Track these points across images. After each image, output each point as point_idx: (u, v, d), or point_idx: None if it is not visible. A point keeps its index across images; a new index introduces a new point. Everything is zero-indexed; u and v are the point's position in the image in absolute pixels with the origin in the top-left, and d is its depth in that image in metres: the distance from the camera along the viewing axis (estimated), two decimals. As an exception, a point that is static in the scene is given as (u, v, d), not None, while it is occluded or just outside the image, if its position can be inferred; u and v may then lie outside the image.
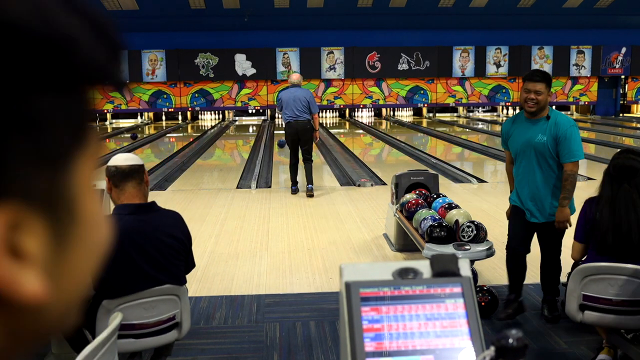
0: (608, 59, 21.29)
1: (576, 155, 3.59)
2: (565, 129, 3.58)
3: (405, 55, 20.68)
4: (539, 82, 3.57)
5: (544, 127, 3.63)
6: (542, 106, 3.62)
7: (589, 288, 3.04)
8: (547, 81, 3.62)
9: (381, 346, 1.51)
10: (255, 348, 3.52)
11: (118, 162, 2.64)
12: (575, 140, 3.58)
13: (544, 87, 3.58)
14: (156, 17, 19.06)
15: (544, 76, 3.63)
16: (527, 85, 3.62)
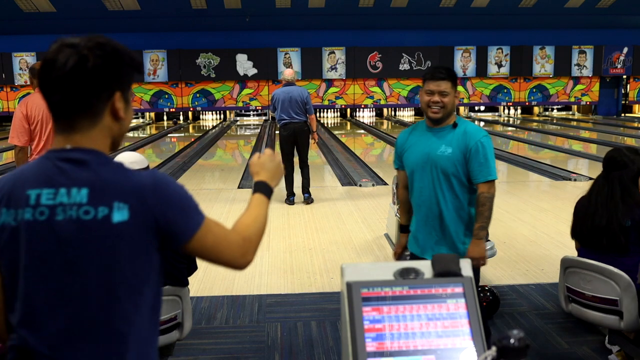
0: (610, 59, 21.27)
1: (491, 173, 2.81)
2: (477, 139, 2.81)
3: (407, 55, 20.67)
4: (443, 81, 2.80)
5: (449, 138, 2.85)
6: (449, 111, 2.85)
7: (568, 280, 3.13)
8: (453, 79, 2.85)
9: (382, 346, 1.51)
10: (256, 348, 3.52)
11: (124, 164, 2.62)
12: (489, 155, 2.82)
13: (450, 86, 2.82)
14: (157, 17, 19.07)
15: (449, 73, 2.85)
16: (428, 85, 2.83)
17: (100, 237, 1.26)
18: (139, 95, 20.37)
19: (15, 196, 1.29)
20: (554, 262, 4.93)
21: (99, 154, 1.33)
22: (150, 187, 1.32)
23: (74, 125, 1.33)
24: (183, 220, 1.35)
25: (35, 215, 1.27)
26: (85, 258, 1.26)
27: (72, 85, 1.29)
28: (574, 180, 8.77)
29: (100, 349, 1.27)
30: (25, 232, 1.27)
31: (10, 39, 19.43)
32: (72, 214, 1.26)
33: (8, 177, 1.35)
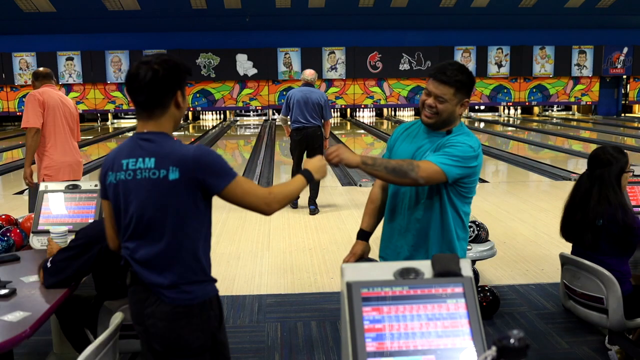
0: (610, 59, 21.26)
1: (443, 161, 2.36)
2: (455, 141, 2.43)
3: (407, 55, 20.67)
4: (444, 85, 2.40)
5: (437, 142, 2.47)
6: (445, 119, 2.45)
7: (565, 276, 3.17)
8: (459, 85, 2.41)
9: (382, 346, 1.51)
10: (256, 348, 3.52)
11: None
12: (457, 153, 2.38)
13: (452, 93, 2.40)
14: (157, 17, 19.07)
15: (455, 78, 2.40)
16: (428, 84, 2.45)
17: (161, 188, 1.94)
18: (139, 95, 20.38)
19: (115, 164, 2.02)
20: (554, 262, 4.92)
21: (163, 134, 2.01)
22: (192, 157, 1.95)
23: (151, 116, 2.00)
24: (214, 179, 1.97)
25: (126, 176, 1.99)
26: (152, 200, 1.95)
27: (151, 90, 1.96)
28: (574, 180, 8.76)
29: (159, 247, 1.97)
30: (121, 186, 2.00)
31: (10, 39, 19.43)
32: (146, 174, 1.96)
33: (112, 151, 2.09)
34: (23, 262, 2.96)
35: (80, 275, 2.58)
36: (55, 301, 2.40)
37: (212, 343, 2.06)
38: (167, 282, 1.96)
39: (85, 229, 2.60)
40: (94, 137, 16.64)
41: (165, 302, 1.97)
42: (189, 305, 1.98)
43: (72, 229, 3.09)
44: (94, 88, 20.19)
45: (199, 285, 2.01)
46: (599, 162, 3.09)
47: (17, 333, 2.08)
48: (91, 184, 3.54)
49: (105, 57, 19.87)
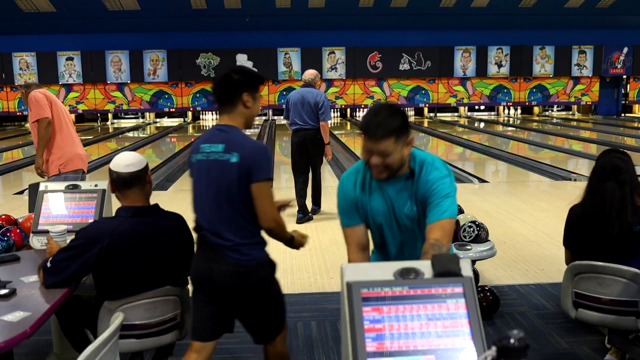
0: (610, 59, 21.26)
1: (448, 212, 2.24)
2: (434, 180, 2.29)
3: (407, 55, 20.67)
4: (383, 139, 2.20)
5: (411, 190, 2.34)
6: (397, 168, 2.28)
7: (579, 286, 3.05)
8: (397, 132, 2.21)
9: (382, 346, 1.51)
10: (256, 348, 3.51)
11: (119, 168, 2.62)
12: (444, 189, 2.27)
13: (393, 142, 2.21)
14: (157, 17, 19.07)
15: (390, 125, 2.20)
16: (366, 143, 2.26)
17: (226, 168, 2.43)
18: (139, 95, 20.38)
19: (197, 147, 2.56)
20: (554, 262, 4.93)
21: (232, 127, 2.51)
22: (249, 148, 2.44)
23: (223, 111, 2.53)
24: (255, 173, 2.42)
25: (203, 157, 2.51)
26: (219, 177, 2.45)
27: (222, 89, 2.51)
28: (574, 180, 8.77)
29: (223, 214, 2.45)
30: (199, 165, 2.52)
31: (10, 39, 19.42)
32: (217, 157, 2.46)
33: (199, 138, 2.61)
34: (23, 262, 2.96)
35: (80, 275, 2.58)
36: (55, 301, 2.40)
37: (267, 297, 2.56)
38: (229, 244, 2.43)
39: (85, 229, 2.60)
40: (94, 137, 16.63)
41: (230, 262, 2.43)
42: (247, 265, 2.44)
43: (72, 229, 3.08)
44: (94, 88, 20.18)
45: (255, 247, 2.49)
46: (619, 170, 3.04)
47: (17, 333, 2.08)
48: (91, 184, 3.54)
49: (105, 57, 19.87)
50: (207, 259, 2.48)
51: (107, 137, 17.39)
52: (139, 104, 20.49)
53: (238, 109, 2.50)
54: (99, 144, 15.50)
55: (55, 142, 4.97)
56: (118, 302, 2.54)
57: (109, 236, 2.50)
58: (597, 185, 3.06)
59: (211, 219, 2.46)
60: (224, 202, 2.43)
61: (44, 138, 4.89)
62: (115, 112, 20.88)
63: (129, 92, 20.32)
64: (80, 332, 2.73)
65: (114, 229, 2.52)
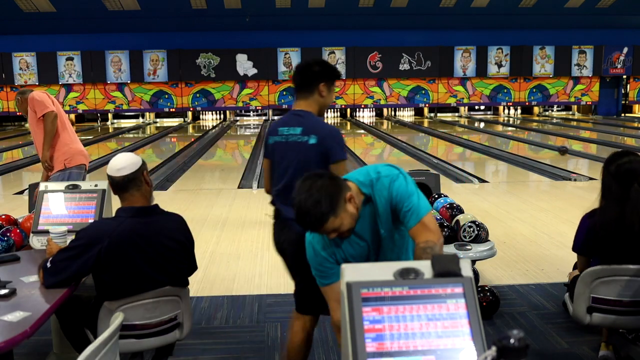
0: (610, 59, 21.26)
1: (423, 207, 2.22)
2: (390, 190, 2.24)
3: (407, 55, 20.67)
4: (324, 223, 2.10)
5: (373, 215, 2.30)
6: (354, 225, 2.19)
7: (598, 290, 2.99)
8: (332, 212, 2.08)
9: (382, 346, 1.51)
10: (256, 348, 3.52)
11: (113, 172, 2.60)
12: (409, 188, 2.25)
13: (334, 219, 2.09)
14: (157, 17, 19.07)
15: (321, 210, 2.06)
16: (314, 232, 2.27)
17: (304, 149, 2.73)
18: (139, 95, 20.38)
19: (274, 130, 2.86)
20: (554, 262, 4.93)
21: (308, 112, 2.81)
22: (326, 131, 2.76)
23: (299, 97, 2.84)
24: (332, 154, 2.72)
25: (281, 139, 2.81)
26: (297, 157, 2.75)
27: (302, 76, 2.83)
28: (574, 180, 8.77)
29: None
30: (277, 146, 2.84)
31: (10, 39, 19.42)
32: (295, 139, 2.76)
33: (276, 122, 2.91)
34: (23, 262, 2.96)
35: (80, 275, 2.57)
36: (55, 301, 2.40)
37: None
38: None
39: (85, 230, 2.59)
40: (94, 137, 16.63)
41: (294, 231, 2.68)
42: None
43: (72, 229, 3.08)
44: (94, 88, 20.18)
45: None
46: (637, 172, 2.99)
47: (17, 333, 2.08)
48: (91, 184, 3.54)
49: (105, 57, 19.87)
50: (280, 230, 2.85)
51: (107, 137, 17.40)
52: (139, 104, 20.49)
53: (314, 97, 2.82)
54: (99, 144, 15.50)
55: (59, 138, 5.07)
56: (118, 302, 2.54)
57: (109, 237, 2.50)
58: (621, 190, 2.95)
59: (286, 194, 2.68)
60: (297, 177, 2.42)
61: (51, 132, 4.98)
62: (115, 112, 20.88)
63: (129, 92, 20.32)
64: (80, 332, 2.73)
65: (114, 229, 2.52)
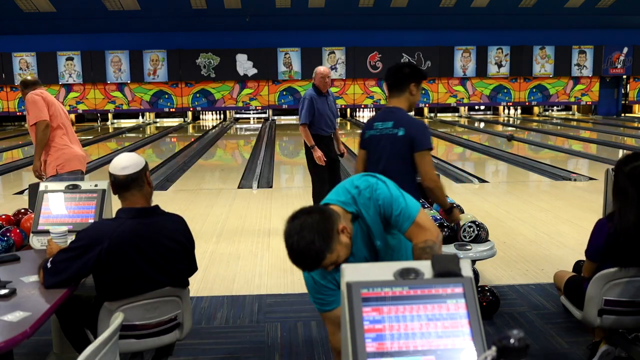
0: (610, 59, 21.26)
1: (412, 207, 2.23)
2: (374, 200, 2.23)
3: (407, 55, 20.67)
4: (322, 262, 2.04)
5: (364, 231, 2.29)
6: (349, 255, 2.13)
7: (610, 293, 2.98)
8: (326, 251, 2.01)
9: (382, 347, 1.51)
10: (256, 348, 3.52)
11: (116, 171, 2.59)
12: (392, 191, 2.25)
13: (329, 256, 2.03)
14: (157, 17, 19.07)
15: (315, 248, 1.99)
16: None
17: (394, 140, 3.18)
18: (139, 95, 20.38)
19: (371, 125, 3.34)
20: (554, 262, 4.93)
21: (400, 109, 3.27)
22: (412, 123, 3.20)
23: (392, 95, 3.30)
24: (417, 144, 3.14)
25: (376, 132, 3.27)
26: (389, 147, 3.21)
27: (395, 77, 3.28)
28: (574, 180, 8.77)
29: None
30: (372, 139, 3.30)
31: (10, 39, 19.43)
32: (387, 131, 3.22)
33: (372, 117, 3.43)
34: (23, 262, 2.95)
35: (80, 276, 2.57)
36: (55, 301, 2.40)
37: None
38: None
39: (86, 230, 2.59)
40: (94, 137, 16.64)
41: None
42: None
43: (72, 229, 3.08)
44: (94, 88, 20.18)
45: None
46: None
47: (17, 333, 2.08)
48: (91, 184, 3.53)
49: (105, 57, 19.87)
50: None
51: (107, 137, 17.40)
52: (139, 104, 20.49)
53: (405, 95, 3.27)
54: (99, 144, 15.50)
55: (53, 143, 4.92)
56: (118, 302, 2.54)
57: (109, 238, 2.49)
58: (638, 193, 2.90)
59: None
60: (391, 166, 3.14)
61: (42, 141, 4.83)
62: (115, 112, 20.88)
63: (129, 92, 20.32)
64: (80, 332, 2.73)
65: (114, 230, 2.52)
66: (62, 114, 5.09)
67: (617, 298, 2.97)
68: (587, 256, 3.11)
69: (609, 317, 3.00)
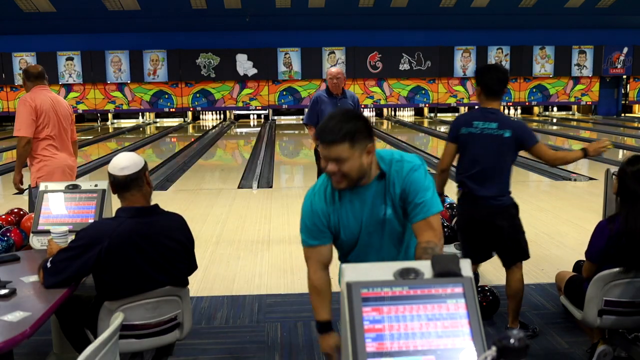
0: (610, 59, 21.26)
1: (435, 205, 2.18)
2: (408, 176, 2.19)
3: (407, 55, 20.67)
4: (335, 145, 2.07)
5: (383, 192, 2.22)
6: (356, 177, 2.14)
7: (610, 293, 2.98)
8: (352, 136, 2.06)
9: (382, 346, 1.51)
10: (256, 348, 3.52)
11: (115, 171, 2.58)
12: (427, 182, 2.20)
13: (348, 149, 2.06)
14: (157, 17, 19.06)
15: (342, 130, 2.06)
16: (321, 149, 2.13)
17: (499, 140, 3.35)
18: (139, 95, 20.37)
19: (469, 122, 3.44)
20: (554, 262, 4.92)
21: (498, 110, 3.45)
22: (516, 125, 3.41)
23: (490, 99, 3.44)
24: (528, 140, 3.41)
25: (476, 131, 3.40)
26: (493, 147, 3.37)
27: (501, 84, 3.47)
28: (574, 180, 8.77)
29: (494, 180, 3.40)
30: (470, 136, 3.43)
31: (10, 39, 19.42)
32: (490, 132, 3.37)
33: (468, 114, 3.57)
34: (23, 262, 2.96)
35: (80, 276, 2.57)
36: (55, 301, 2.40)
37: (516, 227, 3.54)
38: (490, 193, 3.42)
39: (86, 230, 2.59)
40: (94, 137, 16.63)
41: (489, 206, 3.43)
42: (503, 206, 3.46)
43: (72, 229, 3.08)
44: (94, 88, 20.18)
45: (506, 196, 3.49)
46: None
47: (17, 333, 2.08)
48: (91, 184, 3.54)
49: (105, 57, 19.87)
50: (472, 207, 3.50)
51: (107, 137, 17.39)
52: (139, 104, 20.49)
53: (500, 98, 3.47)
54: (99, 144, 15.50)
55: (35, 153, 4.63)
56: (118, 302, 2.54)
57: (109, 237, 2.49)
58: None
59: (480, 177, 3.42)
60: (494, 165, 3.40)
61: (22, 157, 4.59)
62: (116, 112, 20.87)
63: (129, 92, 20.32)
64: (80, 332, 2.73)
65: (114, 229, 2.52)
66: (56, 120, 4.70)
67: (617, 299, 2.97)
68: (588, 257, 3.10)
69: (609, 317, 3.00)
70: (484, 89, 3.42)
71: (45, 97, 4.70)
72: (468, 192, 3.48)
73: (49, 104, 4.67)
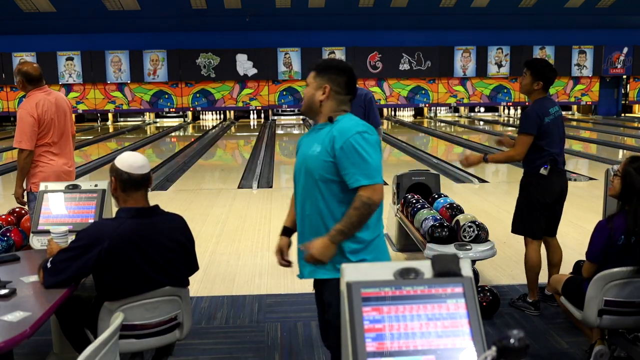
0: (610, 59, 21.26)
1: (368, 175, 2.31)
2: (346, 138, 2.32)
3: (407, 55, 20.67)
4: (310, 71, 2.52)
5: (322, 135, 2.42)
6: (309, 105, 2.50)
7: (610, 293, 2.98)
8: (319, 69, 2.47)
9: (382, 346, 1.51)
10: (256, 348, 3.52)
11: (132, 169, 2.58)
12: (364, 155, 2.30)
13: (313, 77, 2.47)
14: (157, 17, 19.06)
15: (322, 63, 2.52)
16: None
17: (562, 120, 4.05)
18: (139, 95, 20.37)
19: (547, 112, 3.88)
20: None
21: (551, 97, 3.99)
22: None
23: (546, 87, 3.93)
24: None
25: (553, 117, 3.90)
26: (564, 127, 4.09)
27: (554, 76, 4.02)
28: (574, 180, 8.77)
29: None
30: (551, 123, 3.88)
31: (10, 39, 19.42)
32: (559, 115, 3.96)
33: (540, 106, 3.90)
34: (23, 262, 2.96)
35: (80, 276, 2.57)
36: (55, 301, 2.40)
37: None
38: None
39: (86, 230, 2.59)
40: (94, 137, 16.64)
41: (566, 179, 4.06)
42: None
43: (72, 229, 3.08)
44: (94, 88, 20.18)
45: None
46: None
47: (17, 333, 2.08)
48: (91, 184, 3.54)
49: (105, 57, 19.87)
50: (561, 179, 3.97)
51: (107, 137, 17.40)
52: (139, 104, 20.49)
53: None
54: (99, 144, 15.50)
55: (34, 157, 4.45)
56: (118, 302, 2.54)
57: (110, 237, 2.49)
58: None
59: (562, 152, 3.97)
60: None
61: (24, 169, 4.41)
62: (115, 112, 20.87)
63: (129, 92, 20.32)
64: (80, 332, 2.73)
65: (114, 230, 2.52)
66: (58, 124, 4.56)
67: (617, 298, 2.97)
68: (588, 257, 3.10)
69: (609, 317, 3.00)
70: (545, 83, 3.90)
71: (47, 101, 4.58)
72: (558, 167, 3.94)
73: (52, 110, 4.53)
